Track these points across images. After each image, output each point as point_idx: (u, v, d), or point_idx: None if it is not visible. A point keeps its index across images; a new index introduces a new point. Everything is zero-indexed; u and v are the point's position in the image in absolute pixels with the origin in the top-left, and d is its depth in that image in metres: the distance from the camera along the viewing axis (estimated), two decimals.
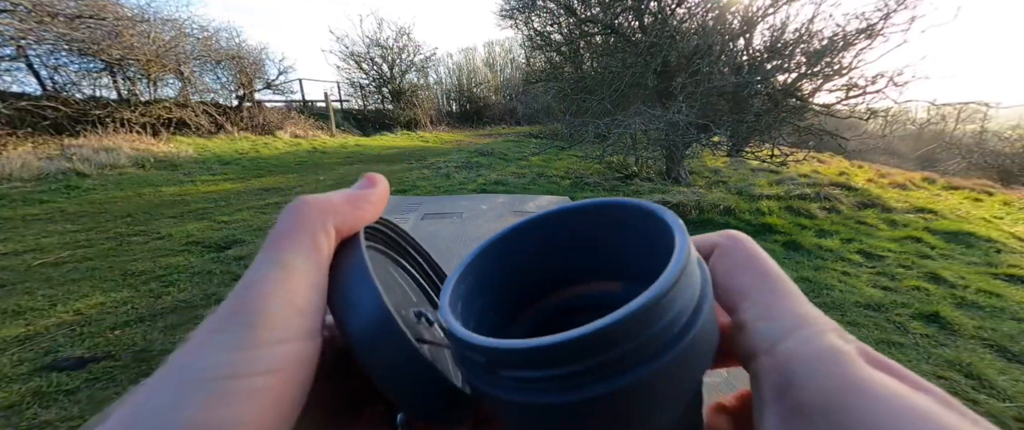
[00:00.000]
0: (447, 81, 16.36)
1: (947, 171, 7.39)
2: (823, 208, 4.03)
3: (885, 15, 3.93)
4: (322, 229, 0.16)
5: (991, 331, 2.01)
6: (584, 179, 5.17)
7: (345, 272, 0.16)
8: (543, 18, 7.04)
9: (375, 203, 0.19)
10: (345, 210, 0.17)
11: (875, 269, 2.78)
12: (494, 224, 1.25)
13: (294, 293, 0.14)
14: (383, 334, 0.15)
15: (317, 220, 0.16)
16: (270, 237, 0.16)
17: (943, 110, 7.24)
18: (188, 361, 0.13)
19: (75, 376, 1.50)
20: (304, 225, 0.16)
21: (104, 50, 6.56)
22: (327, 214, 0.17)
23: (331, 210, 0.17)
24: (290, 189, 4.67)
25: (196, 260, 2.58)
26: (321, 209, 0.17)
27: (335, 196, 0.18)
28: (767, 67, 4.53)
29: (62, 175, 4.71)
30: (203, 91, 8.62)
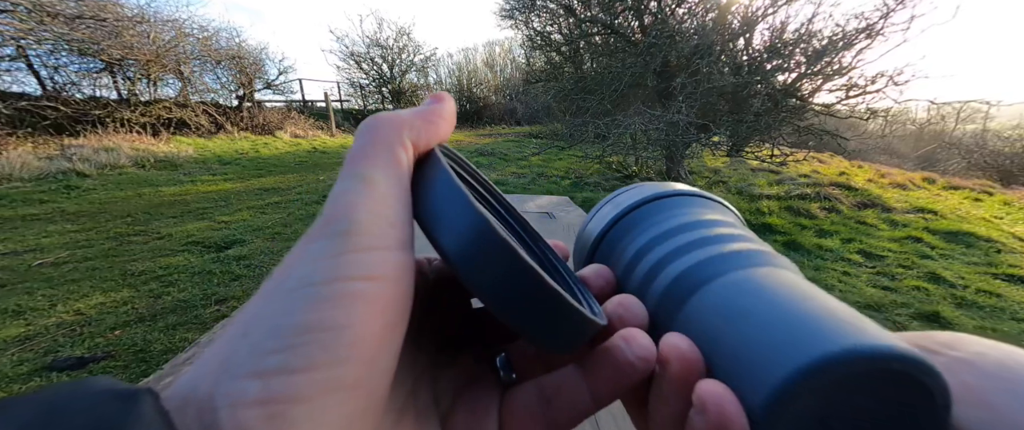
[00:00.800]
0: (447, 81, 16.37)
1: (947, 171, 7.39)
2: (823, 208, 4.03)
3: (885, 15, 3.92)
4: (399, 143, 0.16)
5: (991, 331, 2.01)
6: (584, 179, 5.17)
7: (429, 184, 0.16)
8: (543, 18, 7.05)
9: (447, 118, 0.19)
10: (419, 125, 0.17)
11: (875, 269, 2.78)
12: None
13: (381, 203, 0.14)
14: (484, 243, 0.14)
15: (393, 135, 0.16)
16: (350, 155, 0.16)
17: (943, 110, 7.23)
18: (288, 272, 0.13)
19: (75, 376, 1.50)
20: (381, 139, 0.16)
21: (104, 50, 6.56)
22: (402, 128, 0.17)
23: (406, 125, 0.17)
24: (290, 189, 4.67)
25: (196, 260, 2.58)
26: (396, 124, 0.17)
27: (407, 113, 0.18)
28: (767, 67, 4.53)
29: (62, 175, 4.71)
30: (203, 91, 8.63)
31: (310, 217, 3.53)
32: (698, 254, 0.19)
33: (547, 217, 1.33)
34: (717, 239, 0.20)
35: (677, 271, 0.19)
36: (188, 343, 1.40)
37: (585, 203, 3.96)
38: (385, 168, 0.15)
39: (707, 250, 0.19)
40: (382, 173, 0.15)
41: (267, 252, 2.73)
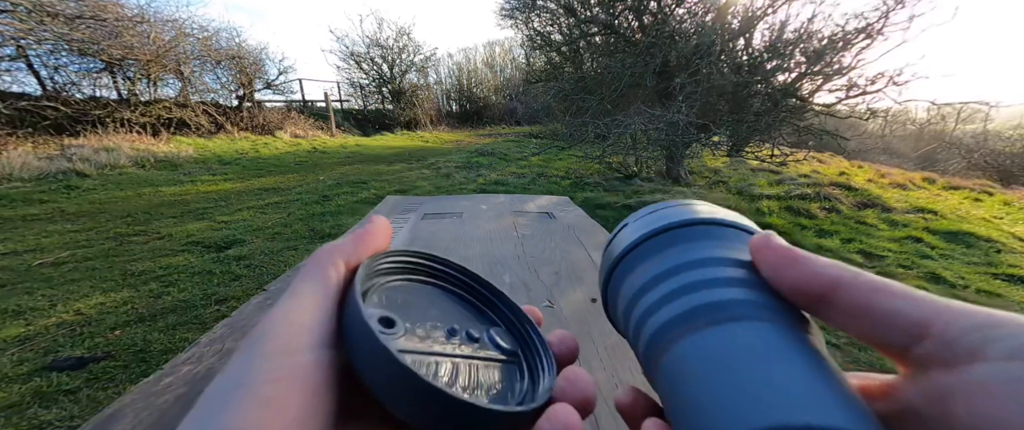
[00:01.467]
0: (447, 81, 16.39)
1: (947, 171, 7.39)
2: (823, 208, 4.04)
3: (884, 15, 3.93)
4: (331, 264, 0.20)
5: None
6: (584, 179, 5.17)
7: (344, 295, 0.19)
8: (543, 18, 7.06)
9: (377, 234, 0.22)
10: (350, 247, 0.21)
11: (875, 269, 2.78)
12: (494, 224, 1.25)
13: (299, 313, 0.17)
14: (367, 345, 0.17)
15: (326, 257, 0.20)
16: (293, 278, 0.20)
17: (943, 110, 7.25)
18: (218, 379, 0.15)
19: (75, 376, 1.51)
20: (315, 261, 0.20)
21: (104, 50, 6.57)
22: (335, 252, 0.20)
23: (338, 249, 0.20)
24: (290, 189, 4.67)
25: (196, 260, 2.58)
26: (330, 249, 0.20)
27: (343, 238, 0.21)
28: (767, 67, 4.53)
29: (62, 175, 4.71)
30: (203, 91, 8.63)
31: (310, 217, 3.54)
32: (676, 306, 0.19)
33: (547, 217, 1.33)
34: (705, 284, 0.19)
35: (656, 324, 0.19)
36: (188, 343, 1.40)
37: (585, 203, 3.96)
38: (312, 283, 0.18)
39: (688, 299, 0.19)
40: (309, 287, 0.18)
41: (267, 252, 2.73)
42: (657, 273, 0.21)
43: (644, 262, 0.22)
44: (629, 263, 0.23)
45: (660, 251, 0.22)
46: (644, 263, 0.22)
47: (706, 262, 0.20)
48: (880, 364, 1.76)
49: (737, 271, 0.20)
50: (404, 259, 0.24)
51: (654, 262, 0.21)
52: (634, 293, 0.22)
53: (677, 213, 0.23)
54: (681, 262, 0.21)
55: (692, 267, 0.20)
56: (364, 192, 4.49)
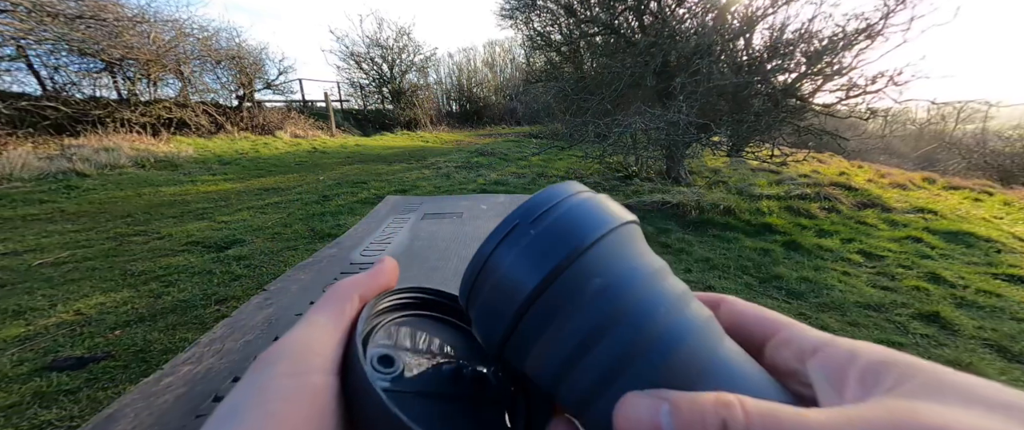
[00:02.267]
0: (447, 81, 16.39)
1: (947, 171, 7.39)
2: (823, 208, 4.04)
3: (885, 15, 3.93)
4: (347, 298, 0.21)
5: (991, 331, 2.01)
6: (584, 179, 5.17)
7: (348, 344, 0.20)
8: (543, 18, 7.06)
9: (387, 273, 0.24)
10: (365, 282, 0.23)
11: (875, 269, 2.78)
12: (494, 224, 1.24)
13: (312, 339, 0.18)
14: (358, 382, 0.18)
15: (343, 292, 0.21)
16: (311, 307, 0.21)
17: (943, 110, 7.24)
18: (232, 397, 0.16)
19: (75, 376, 1.50)
20: (333, 295, 0.21)
21: (104, 50, 6.57)
22: (351, 287, 0.22)
23: (354, 284, 0.22)
24: (290, 189, 4.67)
25: (196, 260, 2.58)
26: (347, 285, 0.22)
27: (359, 275, 0.23)
28: (767, 67, 4.53)
29: (62, 175, 4.71)
30: (203, 91, 8.63)
31: (310, 217, 3.54)
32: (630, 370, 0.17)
33: None
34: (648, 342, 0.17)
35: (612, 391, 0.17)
36: (188, 343, 1.40)
37: None
38: (327, 314, 0.20)
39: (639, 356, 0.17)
40: (324, 318, 0.20)
41: (267, 252, 2.73)
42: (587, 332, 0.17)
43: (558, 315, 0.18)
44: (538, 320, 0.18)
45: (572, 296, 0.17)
46: (559, 316, 0.18)
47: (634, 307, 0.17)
48: None
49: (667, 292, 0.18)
50: (415, 295, 0.25)
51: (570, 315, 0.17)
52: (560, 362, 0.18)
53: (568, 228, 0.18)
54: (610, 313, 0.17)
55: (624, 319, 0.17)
56: (364, 192, 4.49)
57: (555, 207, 0.19)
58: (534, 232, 0.18)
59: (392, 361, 0.20)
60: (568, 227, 0.18)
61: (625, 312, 0.17)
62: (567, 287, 0.17)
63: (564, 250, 0.17)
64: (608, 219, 0.19)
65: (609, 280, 0.18)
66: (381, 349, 0.21)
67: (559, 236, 0.18)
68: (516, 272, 0.18)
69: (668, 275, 0.20)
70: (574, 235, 0.18)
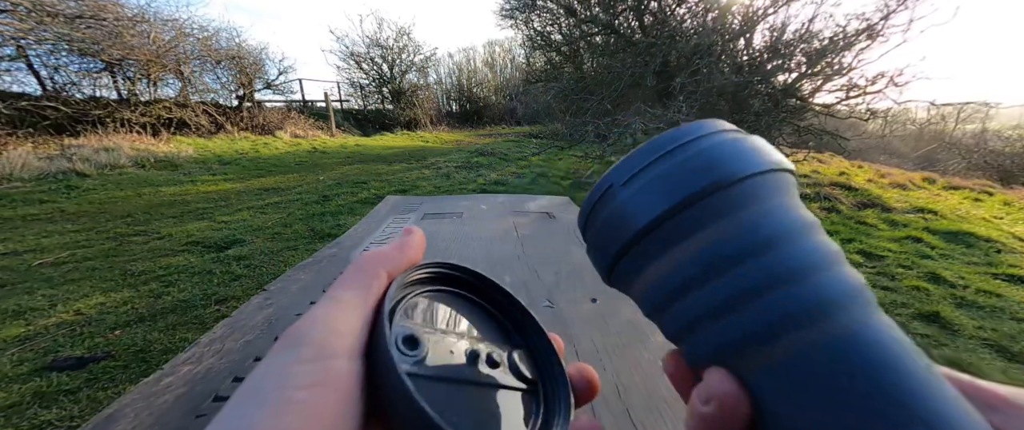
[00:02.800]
0: (447, 81, 16.39)
1: (947, 171, 7.39)
2: (823, 208, 4.03)
3: (885, 15, 3.93)
4: (374, 273, 0.20)
5: (991, 331, 2.01)
6: (584, 179, 5.17)
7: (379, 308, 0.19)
8: (543, 18, 7.06)
9: (414, 247, 0.23)
10: (393, 256, 0.21)
11: (875, 269, 2.78)
12: (494, 224, 1.24)
13: (337, 320, 0.17)
14: (383, 366, 0.17)
15: (370, 266, 0.20)
16: (334, 281, 0.20)
17: (943, 110, 7.25)
18: (252, 380, 0.15)
19: (75, 376, 1.50)
20: (359, 269, 0.20)
21: (104, 50, 6.57)
22: (378, 261, 0.20)
23: (381, 257, 0.21)
24: (290, 189, 4.67)
25: (196, 260, 2.58)
26: (373, 258, 0.21)
27: (386, 247, 0.22)
28: (767, 67, 4.53)
29: (62, 175, 4.71)
30: (203, 91, 8.64)
31: (310, 217, 3.53)
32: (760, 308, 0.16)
33: (547, 217, 1.33)
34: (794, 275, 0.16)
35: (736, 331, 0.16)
36: (188, 343, 1.40)
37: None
38: (354, 290, 0.19)
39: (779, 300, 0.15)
40: (350, 294, 0.19)
41: (267, 252, 2.73)
42: (715, 258, 0.16)
43: (690, 239, 0.17)
44: (664, 237, 0.17)
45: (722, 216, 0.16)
46: (690, 240, 0.17)
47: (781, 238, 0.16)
48: None
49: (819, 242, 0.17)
50: (440, 270, 0.24)
51: (705, 239, 0.16)
52: (678, 283, 0.17)
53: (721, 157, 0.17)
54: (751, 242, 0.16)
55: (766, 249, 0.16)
56: (364, 192, 4.49)
57: (703, 139, 0.18)
58: (678, 158, 0.17)
59: (417, 343, 0.19)
60: (716, 158, 0.17)
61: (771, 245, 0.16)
62: (707, 213, 0.16)
63: (709, 178, 0.16)
64: (762, 160, 0.17)
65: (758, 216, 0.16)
66: (406, 329, 0.20)
67: (706, 165, 0.17)
68: (649, 192, 0.17)
69: (822, 231, 0.18)
70: (721, 167, 0.17)
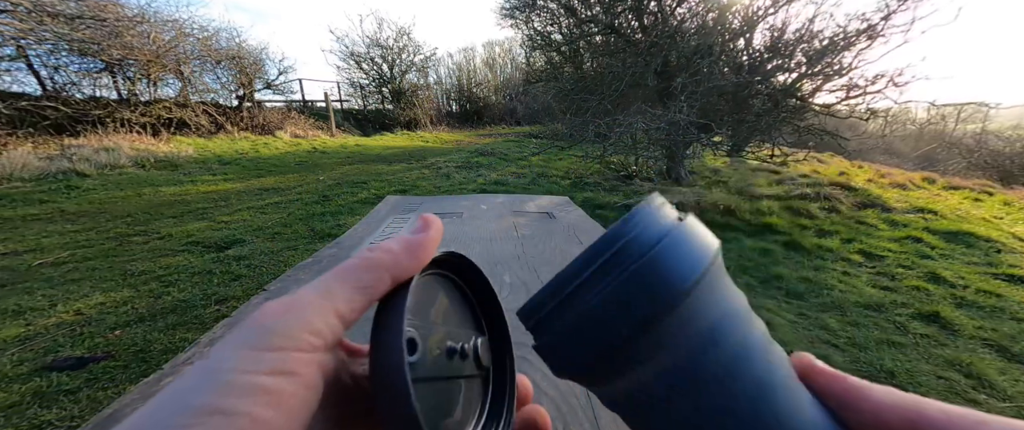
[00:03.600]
0: (447, 81, 16.38)
1: (947, 171, 7.39)
2: (823, 208, 4.03)
3: (886, 16, 3.93)
4: (378, 277, 0.18)
5: (991, 331, 2.01)
6: (584, 179, 5.17)
7: (382, 314, 0.18)
8: (543, 18, 7.05)
9: (429, 248, 0.21)
10: (405, 260, 0.19)
11: (875, 269, 2.78)
12: (494, 224, 1.25)
13: (317, 312, 0.16)
14: (388, 385, 0.17)
15: (377, 268, 0.19)
16: (336, 266, 0.18)
17: (943, 110, 7.25)
18: (211, 358, 0.14)
19: (75, 376, 1.50)
20: (362, 267, 0.18)
21: (104, 50, 6.57)
22: (386, 266, 0.19)
23: (392, 262, 0.19)
24: (290, 189, 4.67)
25: (196, 260, 2.58)
26: (382, 260, 0.19)
27: (397, 247, 0.20)
28: (767, 67, 4.53)
29: (62, 175, 4.71)
30: (203, 91, 8.64)
31: (310, 217, 3.54)
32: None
33: (547, 217, 1.33)
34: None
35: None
36: (188, 343, 1.40)
37: (585, 203, 3.96)
38: (349, 287, 0.18)
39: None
40: (341, 288, 0.17)
41: (267, 252, 2.73)
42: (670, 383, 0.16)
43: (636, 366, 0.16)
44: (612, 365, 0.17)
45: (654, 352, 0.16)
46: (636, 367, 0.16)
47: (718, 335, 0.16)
48: (879, 363, 1.77)
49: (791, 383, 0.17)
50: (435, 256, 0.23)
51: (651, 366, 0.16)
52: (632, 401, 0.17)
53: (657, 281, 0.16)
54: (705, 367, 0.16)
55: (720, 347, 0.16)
56: (364, 192, 4.49)
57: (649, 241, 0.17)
58: (629, 270, 0.16)
59: (415, 347, 0.19)
60: (665, 267, 0.16)
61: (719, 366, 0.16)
62: (661, 334, 0.16)
63: (663, 295, 0.16)
64: (704, 254, 0.17)
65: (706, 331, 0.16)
66: (407, 331, 0.19)
67: (657, 278, 0.16)
68: (604, 313, 0.16)
69: (752, 315, 0.18)
70: (672, 277, 0.16)
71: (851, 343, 1.91)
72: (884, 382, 1.70)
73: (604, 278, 0.16)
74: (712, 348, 0.16)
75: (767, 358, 0.17)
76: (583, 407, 0.47)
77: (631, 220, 0.17)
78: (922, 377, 1.68)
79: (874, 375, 1.70)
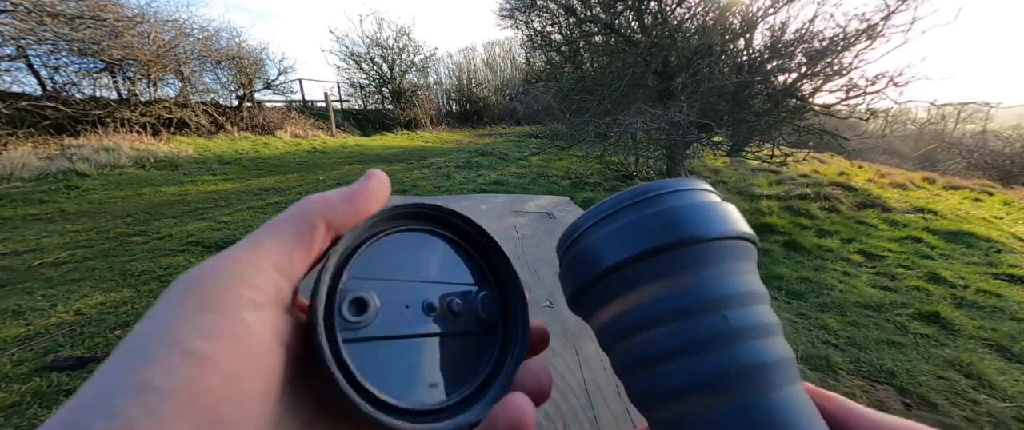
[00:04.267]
0: (447, 81, 16.38)
1: (947, 171, 7.39)
2: (823, 208, 4.03)
3: (886, 15, 3.92)
4: (310, 223, 0.17)
5: (991, 331, 2.01)
6: (584, 179, 5.17)
7: (318, 271, 0.18)
8: (543, 18, 7.05)
9: (369, 198, 0.20)
10: (341, 206, 0.19)
11: (875, 269, 2.78)
12: (494, 224, 1.24)
13: (251, 267, 0.15)
14: (313, 347, 0.16)
15: (308, 214, 0.18)
16: (264, 224, 0.17)
17: (943, 110, 7.25)
18: (148, 321, 0.13)
19: (75, 376, 1.50)
20: (295, 216, 0.17)
21: (104, 50, 6.56)
22: (319, 210, 0.18)
23: (327, 207, 0.18)
24: (290, 189, 4.67)
25: (196, 260, 2.57)
26: (315, 205, 0.18)
27: (333, 194, 0.19)
28: (767, 67, 4.53)
29: (62, 175, 4.71)
30: (203, 91, 8.63)
31: None
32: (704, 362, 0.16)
33: (547, 217, 1.33)
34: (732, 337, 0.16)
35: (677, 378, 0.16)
36: None
37: (585, 203, 3.96)
38: (281, 238, 0.16)
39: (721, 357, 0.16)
40: (275, 241, 0.16)
41: None
42: (670, 307, 0.17)
43: (649, 284, 0.17)
44: (625, 280, 0.18)
45: (671, 273, 0.17)
46: (649, 285, 0.17)
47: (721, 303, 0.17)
48: (879, 363, 1.77)
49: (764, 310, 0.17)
50: (406, 209, 0.23)
51: (664, 287, 0.17)
52: (625, 325, 0.18)
53: (690, 218, 0.18)
54: (704, 299, 0.17)
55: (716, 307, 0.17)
56: None
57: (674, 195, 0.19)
58: (646, 211, 0.18)
59: (366, 306, 0.18)
60: (680, 218, 0.18)
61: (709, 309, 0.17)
62: (660, 267, 0.17)
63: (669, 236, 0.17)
64: (724, 227, 0.18)
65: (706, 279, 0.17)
66: (356, 287, 0.18)
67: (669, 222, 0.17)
68: (613, 239, 0.18)
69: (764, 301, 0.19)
70: (684, 226, 0.17)
71: (851, 343, 1.91)
72: (884, 382, 1.68)
73: (624, 207, 0.19)
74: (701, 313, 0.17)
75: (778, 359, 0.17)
76: (583, 407, 0.47)
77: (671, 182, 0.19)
78: (922, 377, 1.68)
79: (874, 375, 1.70)
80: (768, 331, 0.17)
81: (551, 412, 0.46)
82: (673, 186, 0.19)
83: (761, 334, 0.17)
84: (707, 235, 0.17)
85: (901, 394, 1.61)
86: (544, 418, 0.46)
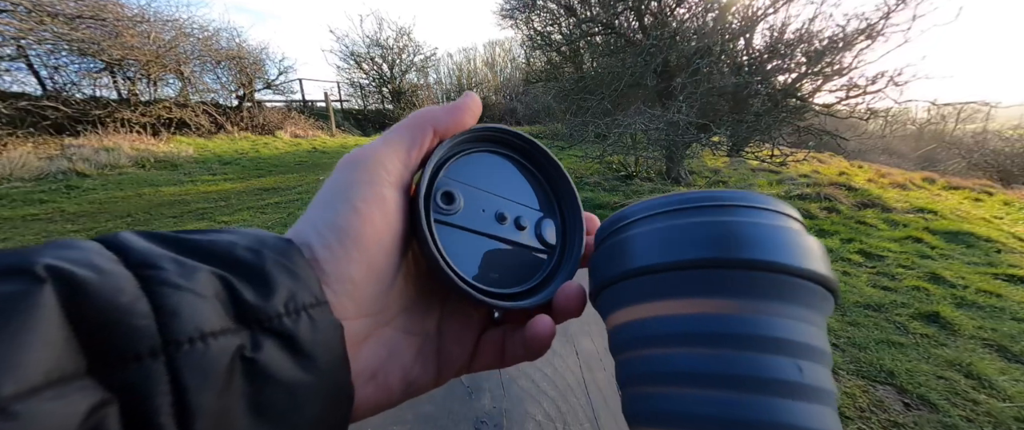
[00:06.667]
0: (447, 81, 16.38)
1: (947, 171, 7.38)
2: (823, 208, 4.03)
3: (885, 15, 3.92)
4: (421, 129, 0.23)
5: (991, 331, 2.01)
6: (584, 179, 5.17)
7: (421, 167, 0.23)
8: (543, 18, 7.05)
9: (466, 111, 0.25)
10: (445, 117, 0.24)
11: (875, 269, 2.78)
12: None
13: (386, 156, 0.21)
14: (415, 213, 0.22)
15: (420, 122, 0.23)
16: (391, 127, 0.23)
17: (943, 110, 7.23)
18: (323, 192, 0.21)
19: None
20: (412, 124, 0.23)
21: (104, 50, 6.56)
22: (429, 118, 0.23)
23: (434, 118, 0.24)
24: (290, 189, 4.67)
25: None
26: (425, 115, 0.24)
27: (439, 108, 0.24)
28: (767, 67, 4.53)
29: (62, 175, 4.71)
30: (203, 91, 8.63)
31: None
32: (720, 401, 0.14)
33: None
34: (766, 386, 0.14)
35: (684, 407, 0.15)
36: None
37: (585, 203, 3.95)
38: (401, 138, 0.22)
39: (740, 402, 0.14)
40: (397, 139, 0.22)
41: None
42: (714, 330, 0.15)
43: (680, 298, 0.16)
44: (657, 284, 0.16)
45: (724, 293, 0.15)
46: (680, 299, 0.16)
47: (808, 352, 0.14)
48: (879, 363, 1.77)
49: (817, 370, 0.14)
50: (499, 134, 0.27)
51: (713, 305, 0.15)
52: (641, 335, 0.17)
53: (768, 239, 0.15)
54: (771, 336, 0.14)
55: (789, 351, 0.14)
56: None
57: (739, 210, 0.16)
58: (728, 217, 0.16)
59: (453, 199, 0.23)
60: (740, 235, 0.15)
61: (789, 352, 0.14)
62: (726, 283, 0.15)
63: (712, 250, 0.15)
64: (815, 264, 0.15)
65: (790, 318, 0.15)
66: (447, 184, 0.24)
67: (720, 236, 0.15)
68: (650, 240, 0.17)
69: (826, 364, 0.16)
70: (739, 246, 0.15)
71: (851, 343, 1.91)
72: (884, 382, 1.68)
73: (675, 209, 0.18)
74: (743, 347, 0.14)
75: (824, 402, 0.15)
76: (583, 407, 0.47)
77: (753, 195, 0.18)
78: (922, 377, 1.68)
79: (874, 375, 1.70)
80: (833, 401, 0.15)
81: (551, 412, 0.46)
82: (755, 200, 0.17)
83: (828, 401, 0.15)
84: (789, 265, 0.14)
85: (901, 394, 1.61)
86: (544, 418, 0.46)
